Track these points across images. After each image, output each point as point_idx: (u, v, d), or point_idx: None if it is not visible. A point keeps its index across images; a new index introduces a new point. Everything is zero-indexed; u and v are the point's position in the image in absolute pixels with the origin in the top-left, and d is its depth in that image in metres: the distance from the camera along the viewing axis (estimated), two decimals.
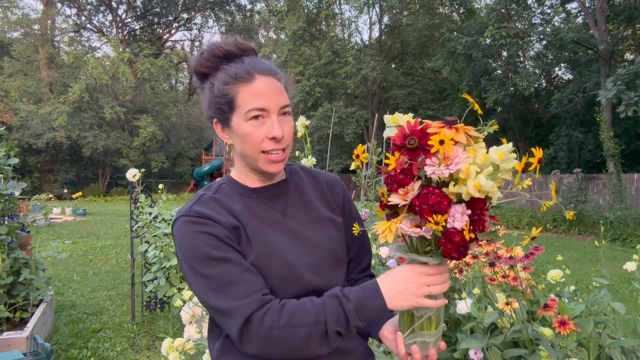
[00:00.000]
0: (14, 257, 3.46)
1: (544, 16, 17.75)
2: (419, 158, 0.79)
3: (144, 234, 4.06)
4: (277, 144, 0.93)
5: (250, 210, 0.98)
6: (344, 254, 1.06)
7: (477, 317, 1.64)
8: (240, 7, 35.06)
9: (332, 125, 6.16)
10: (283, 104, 0.94)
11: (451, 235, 0.77)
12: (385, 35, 22.64)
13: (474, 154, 0.77)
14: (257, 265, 0.91)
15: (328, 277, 0.99)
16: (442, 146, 0.77)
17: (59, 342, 3.68)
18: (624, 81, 10.27)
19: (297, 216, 1.01)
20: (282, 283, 0.93)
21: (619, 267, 3.77)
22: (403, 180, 0.80)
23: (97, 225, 12.42)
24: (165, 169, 26.88)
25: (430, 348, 0.90)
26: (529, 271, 1.69)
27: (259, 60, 0.97)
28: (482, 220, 0.79)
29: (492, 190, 0.75)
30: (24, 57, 25.44)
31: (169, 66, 27.21)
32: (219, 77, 0.95)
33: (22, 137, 21.82)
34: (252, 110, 0.91)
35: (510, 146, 0.77)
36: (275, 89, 0.93)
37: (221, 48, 0.97)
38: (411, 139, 0.79)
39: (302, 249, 0.97)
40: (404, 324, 0.91)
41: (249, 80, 0.92)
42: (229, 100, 0.93)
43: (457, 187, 0.77)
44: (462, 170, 0.75)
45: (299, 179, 1.08)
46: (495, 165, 0.77)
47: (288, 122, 0.96)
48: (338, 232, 1.05)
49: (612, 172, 12.33)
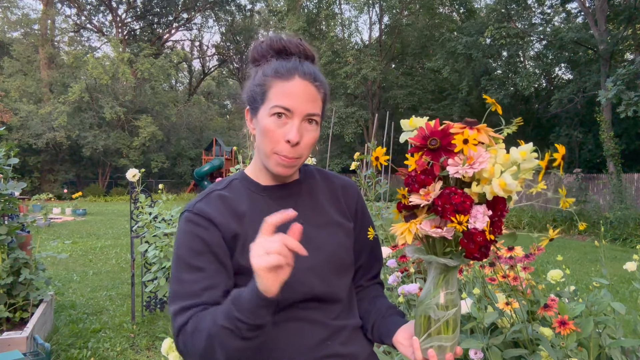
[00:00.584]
0: (14, 257, 3.46)
1: (544, 16, 17.76)
2: (441, 158, 0.79)
3: (144, 234, 4.06)
4: (292, 151, 0.91)
5: (256, 208, 0.96)
6: (350, 260, 1.04)
7: (477, 317, 1.64)
8: (240, 7, 35.07)
9: (332, 125, 6.16)
10: (310, 112, 0.92)
11: (473, 236, 0.76)
12: (385, 35, 22.65)
13: (495, 154, 0.78)
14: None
15: (331, 282, 0.97)
16: (466, 146, 0.77)
17: (59, 342, 3.68)
18: (624, 81, 10.27)
19: (305, 218, 0.99)
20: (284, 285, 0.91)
21: (619, 267, 3.77)
22: (424, 180, 0.79)
23: (97, 225, 12.42)
24: (165, 169, 26.88)
25: (447, 352, 0.88)
26: (529, 271, 1.69)
27: (307, 65, 0.95)
28: (501, 222, 0.80)
29: (516, 189, 0.76)
30: (24, 57, 25.44)
31: (169, 66, 27.21)
32: (264, 68, 0.95)
33: (22, 137, 21.82)
34: (277, 106, 0.90)
35: (531, 145, 0.78)
36: (308, 95, 0.92)
37: (279, 43, 0.96)
38: (432, 140, 0.79)
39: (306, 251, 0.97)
40: (420, 328, 0.90)
41: (287, 79, 0.91)
42: (263, 91, 0.93)
43: (480, 187, 0.77)
44: (487, 169, 0.76)
45: (312, 181, 1.07)
46: (517, 165, 0.77)
47: (311, 131, 0.93)
48: (346, 237, 1.03)
49: (612, 172, 12.33)
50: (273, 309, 0.80)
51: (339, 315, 0.99)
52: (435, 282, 0.88)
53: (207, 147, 26.15)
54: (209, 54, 38.08)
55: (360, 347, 1.01)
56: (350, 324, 1.01)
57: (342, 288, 1.00)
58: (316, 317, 0.96)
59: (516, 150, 0.78)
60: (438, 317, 0.88)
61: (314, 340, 0.94)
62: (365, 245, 1.10)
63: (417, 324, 0.91)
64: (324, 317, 0.96)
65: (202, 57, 37.79)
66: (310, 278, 0.94)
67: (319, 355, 0.94)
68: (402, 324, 0.98)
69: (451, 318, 0.88)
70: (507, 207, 0.81)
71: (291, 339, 0.94)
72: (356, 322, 1.03)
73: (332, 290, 0.97)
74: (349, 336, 0.99)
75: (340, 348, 0.96)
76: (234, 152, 5.34)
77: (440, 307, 0.87)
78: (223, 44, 36.80)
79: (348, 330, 1.00)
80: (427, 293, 0.89)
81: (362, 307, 1.08)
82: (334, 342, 0.96)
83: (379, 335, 1.01)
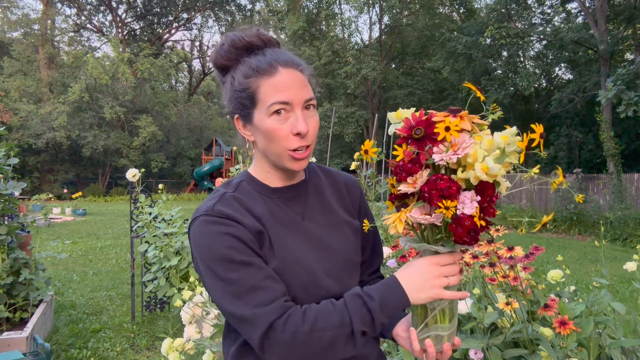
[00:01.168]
0: (14, 257, 3.46)
1: (544, 16, 17.74)
2: (426, 147, 0.80)
3: (144, 234, 4.06)
4: (302, 140, 0.88)
5: (271, 212, 0.94)
6: (359, 259, 1.04)
7: (477, 317, 1.64)
8: (240, 7, 35.07)
9: (332, 125, 6.16)
10: (307, 97, 0.89)
11: (461, 220, 0.77)
12: (385, 35, 22.64)
13: (479, 140, 0.79)
14: (278, 271, 0.88)
15: (345, 282, 0.97)
16: (448, 133, 0.78)
17: (59, 342, 3.68)
18: (624, 81, 10.26)
19: (315, 219, 0.99)
20: (303, 289, 0.90)
21: (619, 267, 3.77)
22: (411, 168, 0.80)
23: (97, 225, 12.42)
24: (165, 169, 26.89)
25: (444, 342, 0.88)
26: (529, 271, 1.69)
27: (282, 52, 0.93)
28: (491, 208, 0.80)
29: (499, 172, 0.76)
30: (24, 57, 25.45)
31: (169, 66, 27.22)
32: (240, 70, 0.91)
33: (22, 137, 21.83)
34: (275, 104, 0.86)
35: (515, 129, 0.79)
36: (298, 82, 0.89)
37: (242, 39, 0.92)
38: (417, 129, 0.80)
39: (321, 254, 0.95)
40: (417, 318, 0.90)
41: (271, 73, 0.88)
42: (250, 95, 0.89)
43: (466, 173, 0.78)
44: (470, 154, 0.77)
45: (317, 180, 1.06)
46: (502, 150, 0.78)
47: (313, 116, 0.91)
48: (354, 235, 1.03)
49: (612, 172, 12.32)
50: None
51: None
52: None
53: (207, 147, 26.18)
54: (209, 54, 38.04)
55: (370, 347, 1.01)
56: None
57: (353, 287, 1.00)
58: None
59: (499, 135, 0.78)
60: (433, 306, 0.88)
61: None
62: (368, 241, 1.10)
63: (414, 314, 0.91)
64: None
65: (202, 57, 37.78)
66: (326, 281, 0.94)
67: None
68: (402, 317, 0.98)
69: (447, 307, 0.88)
70: (498, 192, 0.81)
71: None
72: None
73: (346, 290, 0.96)
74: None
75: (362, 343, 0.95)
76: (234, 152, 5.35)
77: None
78: None
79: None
80: None
81: None
82: None
83: (380, 330, 1.01)
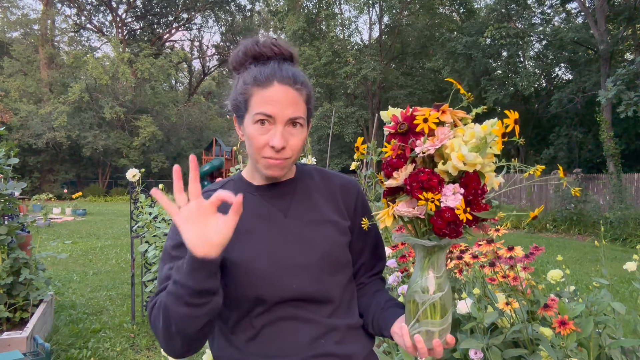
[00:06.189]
0: (14, 257, 3.46)
1: (544, 16, 17.75)
2: (409, 140, 0.82)
3: (144, 234, 4.06)
4: (277, 154, 0.93)
5: (247, 206, 0.98)
6: (346, 259, 1.04)
7: (477, 317, 1.64)
8: (240, 7, 35.10)
9: (332, 125, 6.16)
10: (292, 116, 0.92)
11: (442, 212, 0.78)
12: (385, 35, 22.65)
13: (462, 133, 0.80)
14: (239, 261, 0.93)
15: (322, 280, 0.97)
16: (426, 124, 0.80)
17: (59, 342, 3.68)
18: (624, 81, 10.27)
19: (300, 216, 1.01)
20: (266, 282, 0.93)
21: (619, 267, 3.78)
22: (397, 163, 0.83)
23: (97, 225, 12.42)
24: (165, 169, 26.89)
25: (434, 338, 0.87)
26: (529, 271, 1.69)
27: (285, 67, 0.96)
28: (478, 200, 0.80)
29: (477, 160, 0.77)
30: (23, 57, 25.46)
31: (169, 66, 27.24)
32: (244, 76, 0.97)
33: (22, 137, 21.84)
34: (258, 114, 0.92)
35: (495, 120, 0.80)
36: (289, 99, 0.93)
37: (253, 48, 0.97)
38: (402, 124, 0.84)
39: (296, 248, 0.97)
40: (409, 314, 0.89)
41: (265, 86, 0.92)
42: (245, 99, 0.95)
43: (447, 165, 0.79)
44: (447, 145, 0.78)
45: (309, 181, 1.07)
46: (483, 139, 0.79)
47: (296, 134, 0.95)
48: (340, 235, 1.03)
49: (612, 172, 12.33)
50: (212, 273, 0.80)
51: (332, 313, 0.99)
52: (421, 266, 0.88)
53: (207, 147, 26.15)
54: (209, 54, 38.08)
55: (357, 347, 1.00)
56: (345, 323, 1.00)
57: (335, 287, 1.00)
58: (309, 316, 0.96)
59: (479, 126, 0.80)
60: (423, 301, 0.87)
61: (306, 338, 0.94)
62: (366, 244, 1.10)
63: (407, 310, 0.91)
64: (317, 316, 0.97)
65: (202, 57, 37.82)
66: (301, 276, 0.95)
67: (312, 353, 0.94)
68: (400, 315, 0.98)
69: (438, 302, 0.87)
70: (483, 185, 0.81)
71: (284, 337, 0.94)
72: (354, 321, 1.03)
73: (324, 288, 0.97)
74: (345, 335, 0.99)
75: (335, 347, 0.96)
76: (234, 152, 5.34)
77: (424, 290, 0.87)
78: (223, 44, 36.80)
79: (343, 329, 0.99)
80: (414, 277, 0.90)
81: (363, 303, 1.08)
82: (328, 340, 0.96)
83: (379, 329, 1.01)
